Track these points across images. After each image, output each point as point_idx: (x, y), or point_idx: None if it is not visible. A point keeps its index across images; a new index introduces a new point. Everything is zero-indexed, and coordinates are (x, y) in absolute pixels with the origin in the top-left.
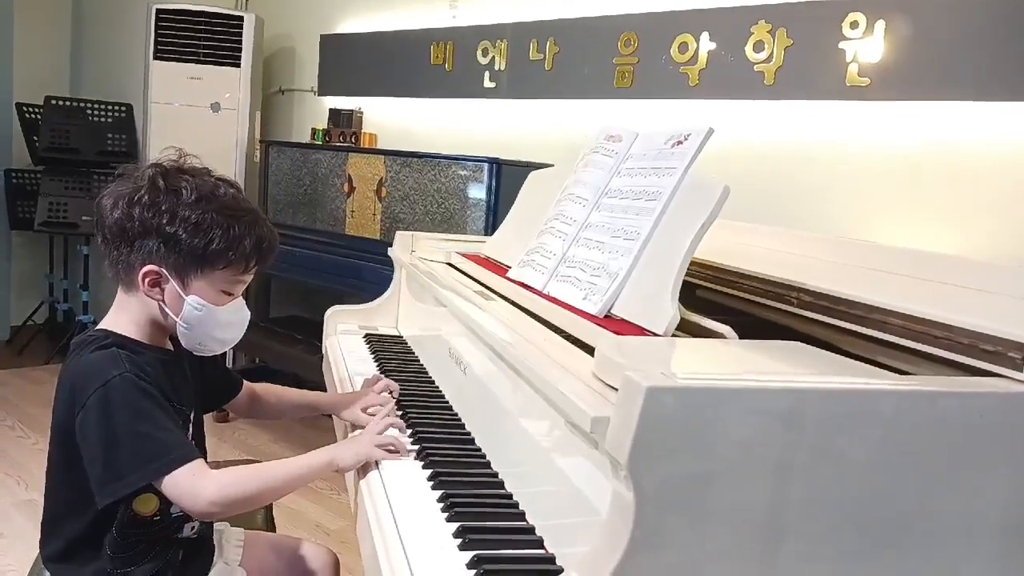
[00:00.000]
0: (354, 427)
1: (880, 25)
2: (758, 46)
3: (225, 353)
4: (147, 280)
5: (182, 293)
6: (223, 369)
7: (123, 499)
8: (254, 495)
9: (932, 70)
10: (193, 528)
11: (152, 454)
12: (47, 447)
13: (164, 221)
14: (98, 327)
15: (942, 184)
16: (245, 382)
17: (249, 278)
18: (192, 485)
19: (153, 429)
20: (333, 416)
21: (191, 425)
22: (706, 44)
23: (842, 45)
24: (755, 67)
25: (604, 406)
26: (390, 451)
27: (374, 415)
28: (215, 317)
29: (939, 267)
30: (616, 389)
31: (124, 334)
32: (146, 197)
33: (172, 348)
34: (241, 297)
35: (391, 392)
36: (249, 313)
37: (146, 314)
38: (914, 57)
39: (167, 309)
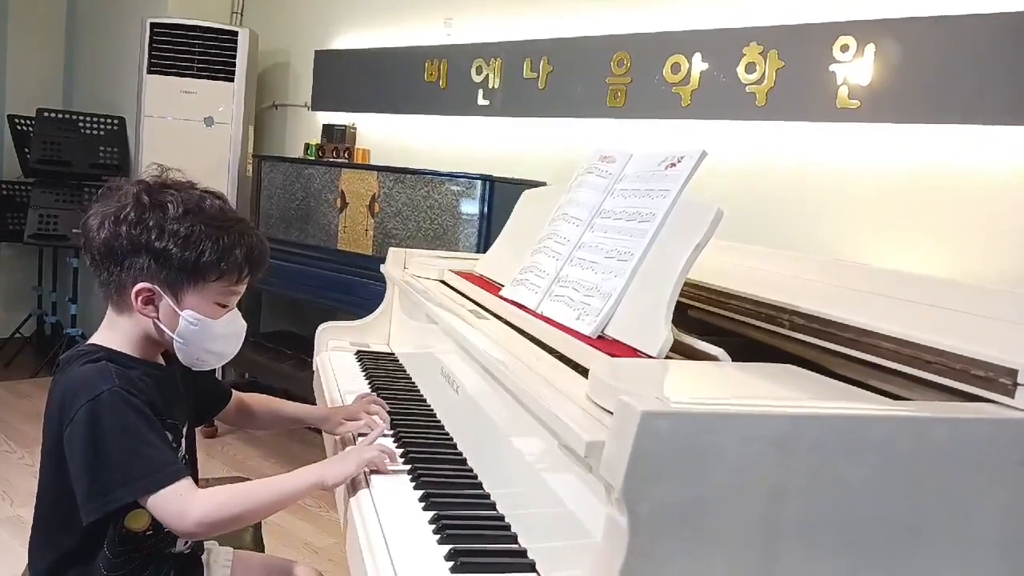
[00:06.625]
0: (343, 443)
1: (870, 49)
2: (750, 67)
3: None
4: (140, 298)
5: (176, 308)
6: (213, 381)
7: (111, 515)
8: (241, 515)
9: (921, 93)
10: (187, 543)
11: (140, 471)
12: (34, 461)
13: (152, 237)
14: (88, 342)
15: (932, 206)
16: (234, 392)
17: (242, 289)
18: (179, 505)
19: (141, 446)
20: (323, 431)
21: (183, 439)
22: (698, 65)
23: (833, 68)
24: (747, 88)
25: (599, 430)
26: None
27: (364, 435)
28: (211, 330)
29: (930, 290)
30: (610, 412)
31: (116, 348)
32: (132, 214)
33: (163, 363)
34: (236, 309)
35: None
36: (245, 325)
37: (139, 331)
38: (903, 80)
39: (162, 326)
